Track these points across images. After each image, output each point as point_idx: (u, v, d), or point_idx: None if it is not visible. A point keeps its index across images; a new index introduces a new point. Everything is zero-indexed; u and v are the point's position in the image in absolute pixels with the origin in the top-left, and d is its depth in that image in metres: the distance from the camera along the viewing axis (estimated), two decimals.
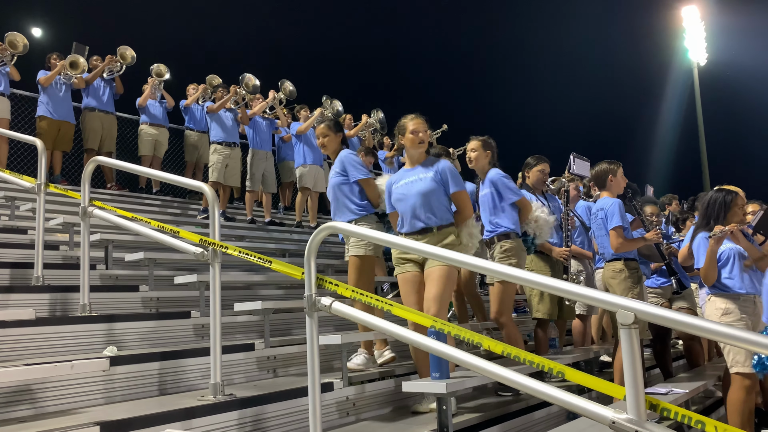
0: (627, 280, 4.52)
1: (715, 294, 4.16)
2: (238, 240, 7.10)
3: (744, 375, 3.96)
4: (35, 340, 3.62)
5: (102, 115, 8.81)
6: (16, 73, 8.10)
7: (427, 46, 28.08)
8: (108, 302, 4.56)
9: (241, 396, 3.29)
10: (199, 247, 3.47)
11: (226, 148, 8.50)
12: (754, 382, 4.00)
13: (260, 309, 4.26)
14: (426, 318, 2.63)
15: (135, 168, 5.03)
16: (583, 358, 5.05)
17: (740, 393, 3.99)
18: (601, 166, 4.84)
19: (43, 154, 4.83)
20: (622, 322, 1.97)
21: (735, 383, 4.02)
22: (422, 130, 4.11)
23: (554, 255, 5.09)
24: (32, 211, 6.25)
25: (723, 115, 24.94)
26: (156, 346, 4.14)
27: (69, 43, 8.56)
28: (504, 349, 2.28)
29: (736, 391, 4.01)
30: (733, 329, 1.92)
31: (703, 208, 4.41)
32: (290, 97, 9.37)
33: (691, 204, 7.28)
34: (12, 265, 4.75)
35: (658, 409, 1.95)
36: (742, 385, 3.98)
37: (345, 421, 3.68)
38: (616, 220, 4.50)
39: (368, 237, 2.90)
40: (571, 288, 2.15)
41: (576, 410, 2.10)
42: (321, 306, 2.78)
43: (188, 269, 5.59)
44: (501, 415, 3.90)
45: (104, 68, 8.82)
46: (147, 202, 8.70)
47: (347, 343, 3.86)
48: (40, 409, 3.03)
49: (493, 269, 2.54)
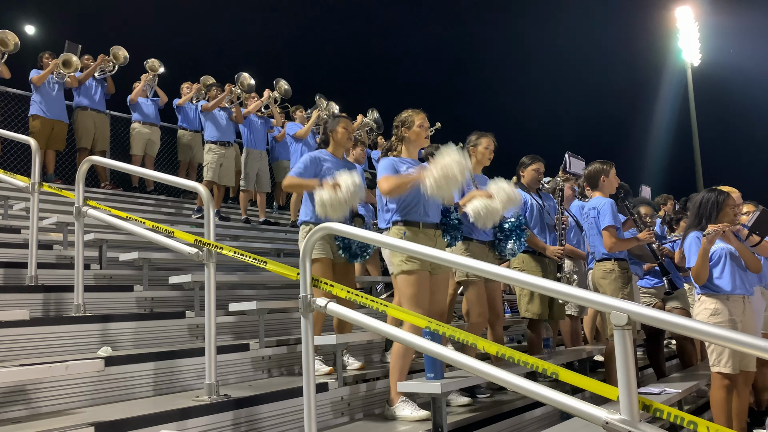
0: (617, 281, 4.54)
1: (705, 294, 4.18)
2: (232, 240, 7.10)
3: (724, 374, 4.00)
4: (30, 340, 3.61)
5: (94, 114, 8.80)
6: (6, 71, 8.05)
7: (418, 45, 28.10)
8: (102, 302, 4.55)
9: (236, 396, 3.29)
10: (194, 248, 3.47)
11: (221, 147, 8.48)
12: (733, 381, 4.03)
13: (255, 309, 4.26)
14: (421, 318, 2.64)
15: (130, 168, 5.03)
16: (577, 358, 5.07)
17: (721, 392, 4.03)
18: (594, 166, 4.86)
19: (37, 153, 4.81)
20: (616, 324, 1.98)
21: (715, 382, 4.07)
22: (428, 126, 4.09)
23: (548, 253, 5.09)
24: (25, 210, 6.22)
25: (717, 116, 25.07)
26: (150, 347, 4.14)
27: (61, 42, 8.54)
28: (498, 350, 2.29)
29: (717, 390, 4.05)
30: (721, 330, 1.95)
31: (694, 208, 4.43)
32: (285, 96, 9.38)
33: (683, 204, 7.32)
34: (5, 264, 4.75)
35: (651, 409, 1.97)
36: (722, 384, 4.02)
37: (340, 421, 3.69)
38: (608, 219, 4.52)
39: (368, 239, 2.90)
40: (565, 289, 2.17)
41: (570, 411, 2.11)
42: (316, 307, 2.79)
43: (183, 269, 5.59)
44: (495, 414, 3.92)
45: (96, 68, 8.80)
46: (141, 201, 8.69)
47: (342, 343, 3.87)
48: (35, 410, 3.02)
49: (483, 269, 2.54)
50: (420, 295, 3.69)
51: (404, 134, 4.06)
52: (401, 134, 4.07)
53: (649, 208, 6.23)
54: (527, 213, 5.10)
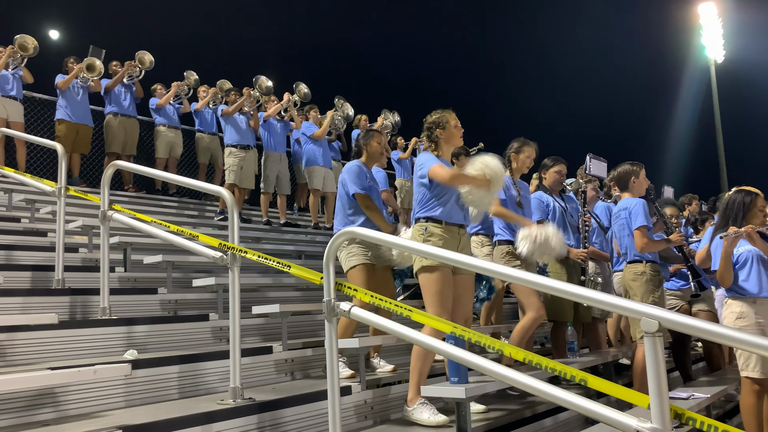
0: (648, 283, 4.47)
1: (732, 297, 4.11)
2: (254, 242, 7.14)
3: (753, 379, 3.92)
4: (57, 343, 3.66)
5: (124, 120, 8.92)
6: (29, 76, 8.20)
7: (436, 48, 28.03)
8: (127, 305, 4.60)
9: (260, 400, 3.30)
10: (219, 251, 3.49)
11: (241, 150, 8.55)
12: (764, 386, 3.95)
13: (278, 312, 4.27)
14: (446, 324, 2.63)
15: (155, 173, 5.08)
16: (602, 362, 5.01)
17: (751, 397, 3.95)
18: (624, 167, 4.78)
19: (63, 158, 4.89)
20: (646, 330, 1.95)
21: (745, 387, 3.99)
22: (461, 126, 4.06)
23: (571, 256, 5.05)
24: (51, 213, 6.32)
25: (741, 114, 24.61)
26: (174, 349, 4.18)
27: (86, 47, 8.66)
28: (525, 356, 2.27)
29: (747, 395, 3.97)
30: (752, 336, 1.90)
31: (722, 209, 4.36)
32: (305, 99, 9.40)
33: (711, 205, 7.20)
34: (33, 267, 4.82)
35: (683, 418, 1.93)
36: (752, 389, 3.94)
37: (363, 424, 3.68)
38: (641, 219, 4.45)
39: (388, 243, 2.89)
40: (595, 296, 2.14)
41: (598, 418, 2.08)
42: (340, 311, 2.78)
43: (206, 271, 5.63)
44: (518, 419, 3.89)
45: (124, 75, 8.90)
46: (164, 204, 8.77)
47: (365, 346, 3.87)
48: (63, 413, 3.06)
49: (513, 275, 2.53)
50: (445, 291, 3.68)
51: (439, 135, 3.99)
52: (436, 136, 4.01)
53: (675, 209, 6.13)
54: (550, 216, 5.06)
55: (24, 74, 8.14)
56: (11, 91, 7.96)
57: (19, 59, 8.05)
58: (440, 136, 3.99)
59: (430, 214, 3.82)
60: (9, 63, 7.93)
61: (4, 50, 7.90)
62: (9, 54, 7.88)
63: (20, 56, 8.04)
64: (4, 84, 7.94)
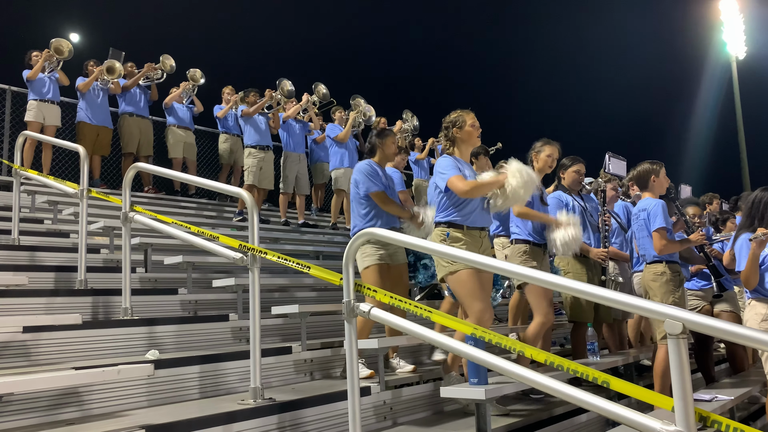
0: (668, 284, 4.41)
1: (756, 299, 4.03)
2: (272, 242, 7.18)
3: None
4: (81, 343, 3.71)
5: (139, 120, 9.01)
6: (65, 78, 8.34)
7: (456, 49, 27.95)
8: (148, 305, 4.65)
9: (280, 400, 3.32)
10: (239, 252, 3.52)
11: (260, 151, 8.60)
12: None
13: (297, 312, 4.30)
14: (466, 325, 2.62)
15: (176, 175, 5.13)
16: (623, 363, 4.96)
17: None
18: (643, 166, 4.72)
19: (85, 160, 4.95)
20: (670, 332, 1.93)
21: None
22: (479, 126, 4.05)
23: (591, 256, 5.01)
24: (74, 215, 6.41)
25: (763, 111, 24.20)
26: (195, 349, 4.21)
27: (105, 49, 8.77)
28: (547, 358, 2.26)
29: None
30: None
31: (746, 209, 4.28)
32: (323, 100, 9.43)
33: (733, 204, 7.09)
34: (57, 268, 4.89)
35: (708, 421, 1.91)
36: None
37: (383, 425, 3.69)
38: (660, 221, 4.39)
39: (408, 244, 2.89)
40: (618, 297, 2.11)
41: (621, 420, 2.06)
42: (360, 312, 2.79)
43: (225, 272, 5.67)
44: (538, 420, 3.87)
45: (143, 76, 9.00)
46: (183, 205, 8.86)
47: (384, 347, 3.87)
48: (87, 412, 3.11)
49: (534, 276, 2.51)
50: (475, 287, 3.71)
51: (456, 135, 4.02)
52: (453, 135, 4.02)
53: (698, 208, 6.05)
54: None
55: (60, 77, 8.28)
56: (47, 95, 8.10)
57: (54, 62, 8.19)
58: (457, 135, 4.01)
59: (451, 219, 3.86)
60: (45, 66, 8.06)
61: (40, 54, 8.05)
62: (45, 58, 8.02)
63: (56, 59, 8.17)
64: (41, 88, 8.08)
